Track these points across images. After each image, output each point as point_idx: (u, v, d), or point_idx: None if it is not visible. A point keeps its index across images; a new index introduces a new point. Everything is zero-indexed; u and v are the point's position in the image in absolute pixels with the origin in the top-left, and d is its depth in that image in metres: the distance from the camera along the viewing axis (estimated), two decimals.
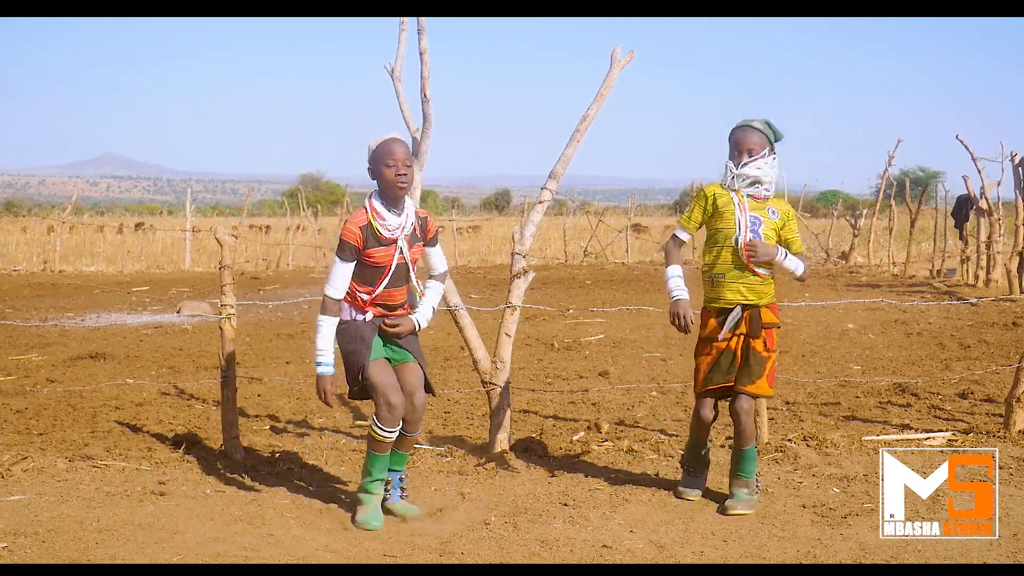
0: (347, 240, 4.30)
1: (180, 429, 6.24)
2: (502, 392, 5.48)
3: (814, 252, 23.15)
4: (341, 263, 4.32)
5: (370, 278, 4.38)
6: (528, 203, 26.32)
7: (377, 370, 4.36)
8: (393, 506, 4.51)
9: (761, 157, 4.49)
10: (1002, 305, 12.26)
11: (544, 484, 4.93)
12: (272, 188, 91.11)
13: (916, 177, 38.51)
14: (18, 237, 26.36)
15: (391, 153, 4.32)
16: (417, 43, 5.72)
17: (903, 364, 8.56)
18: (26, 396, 7.31)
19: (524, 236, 5.61)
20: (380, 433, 4.36)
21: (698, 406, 4.65)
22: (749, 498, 4.56)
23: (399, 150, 4.34)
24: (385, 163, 4.31)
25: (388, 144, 4.35)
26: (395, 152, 4.32)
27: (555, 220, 28.92)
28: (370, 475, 4.45)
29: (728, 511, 4.49)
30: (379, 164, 4.33)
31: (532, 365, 8.63)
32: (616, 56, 5.69)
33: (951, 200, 19.71)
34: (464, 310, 5.60)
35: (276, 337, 10.42)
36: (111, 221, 32.10)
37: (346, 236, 4.30)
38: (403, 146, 4.38)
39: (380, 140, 4.37)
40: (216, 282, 5.72)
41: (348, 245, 4.30)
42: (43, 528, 4.18)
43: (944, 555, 4.00)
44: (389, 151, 4.32)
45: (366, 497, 4.43)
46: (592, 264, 22.47)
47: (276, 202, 46.57)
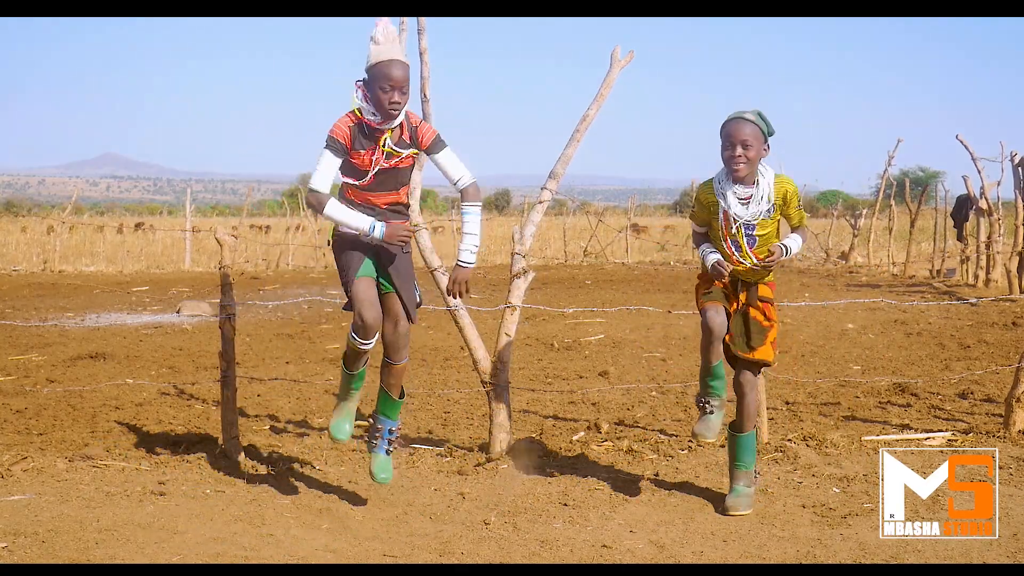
0: (335, 136, 4.22)
1: (180, 429, 6.25)
2: (502, 392, 5.48)
3: (814, 252, 23.17)
4: (326, 153, 4.23)
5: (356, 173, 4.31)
6: (528, 203, 26.32)
7: (360, 286, 4.35)
8: (372, 461, 4.50)
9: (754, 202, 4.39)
10: (1002, 305, 12.26)
11: (544, 484, 4.93)
12: (272, 188, 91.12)
13: (916, 177, 38.52)
14: (18, 237, 26.36)
15: (388, 76, 4.16)
16: (417, 43, 5.72)
17: (903, 364, 8.56)
18: (26, 396, 7.31)
19: (524, 236, 5.61)
20: (353, 341, 4.41)
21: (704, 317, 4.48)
22: (748, 492, 4.54)
23: (397, 73, 4.17)
24: (380, 86, 4.17)
25: (387, 66, 4.17)
26: (392, 75, 4.16)
27: (555, 220, 28.91)
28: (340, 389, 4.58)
29: (729, 511, 4.49)
30: (374, 83, 4.19)
31: (532, 365, 8.63)
32: (616, 56, 5.69)
33: (951, 200, 19.71)
34: (464, 310, 5.60)
35: (276, 337, 10.42)
36: (111, 221, 32.09)
37: (335, 132, 4.23)
38: (402, 69, 4.20)
39: (380, 57, 4.18)
40: (216, 282, 5.72)
41: (336, 141, 4.22)
42: (43, 528, 4.18)
43: (944, 555, 4.00)
44: (387, 73, 4.16)
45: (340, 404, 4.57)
46: (592, 264, 22.47)
47: (276, 202, 46.56)
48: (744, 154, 4.32)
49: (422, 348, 9.32)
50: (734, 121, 4.37)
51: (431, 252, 5.55)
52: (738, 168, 4.35)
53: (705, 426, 4.57)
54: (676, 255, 24.13)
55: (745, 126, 4.34)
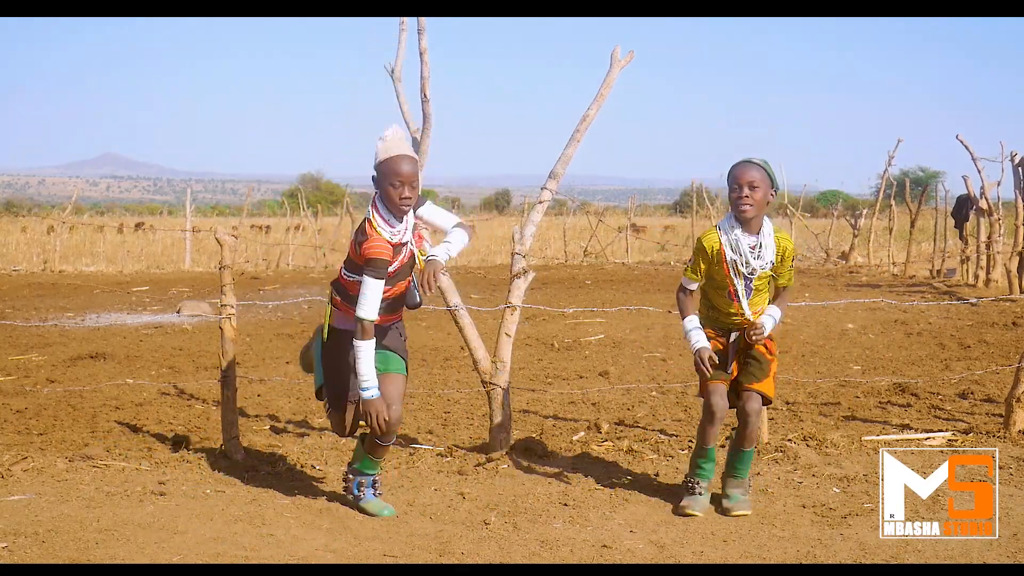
0: (382, 258, 4.16)
1: (180, 429, 6.25)
2: (502, 392, 5.48)
3: (814, 252, 23.16)
4: (375, 282, 4.17)
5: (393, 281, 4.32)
6: (528, 203, 26.31)
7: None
8: (366, 507, 4.51)
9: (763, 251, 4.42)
10: (1002, 305, 12.26)
11: (544, 484, 4.93)
12: (272, 188, 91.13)
13: (916, 177, 38.51)
14: (18, 237, 26.37)
15: (398, 172, 4.17)
16: (417, 43, 5.72)
17: (903, 364, 8.56)
18: (26, 396, 7.32)
19: (524, 236, 5.62)
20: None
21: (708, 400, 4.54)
22: (744, 497, 4.56)
23: (406, 169, 4.18)
24: (391, 182, 4.18)
25: (396, 162, 4.18)
26: (402, 171, 4.17)
27: (555, 220, 28.92)
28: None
29: (730, 512, 4.49)
30: (384, 180, 4.20)
31: (532, 365, 8.63)
32: (616, 56, 5.69)
33: (951, 200, 19.71)
34: (464, 310, 5.60)
35: (276, 337, 10.42)
36: (111, 221, 32.09)
37: (380, 254, 4.16)
38: (411, 164, 4.21)
39: (388, 155, 4.19)
40: (216, 282, 5.72)
41: (383, 263, 4.17)
42: (43, 528, 4.18)
43: (944, 555, 4.00)
44: (396, 170, 4.17)
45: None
46: (592, 264, 22.46)
47: (276, 202, 46.56)
48: (751, 195, 4.36)
49: (422, 348, 9.32)
50: (741, 165, 4.42)
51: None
52: (745, 209, 4.38)
53: (693, 502, 4.56)
54: (676, 255, 24.12)
55: (752, 169, 4.39)
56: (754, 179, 4.36)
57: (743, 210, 4.38)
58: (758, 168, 4.39)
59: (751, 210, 4.38)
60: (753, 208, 4.38)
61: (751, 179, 4.36)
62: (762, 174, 4.38)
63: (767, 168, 4.41)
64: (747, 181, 4.36)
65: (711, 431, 4.56)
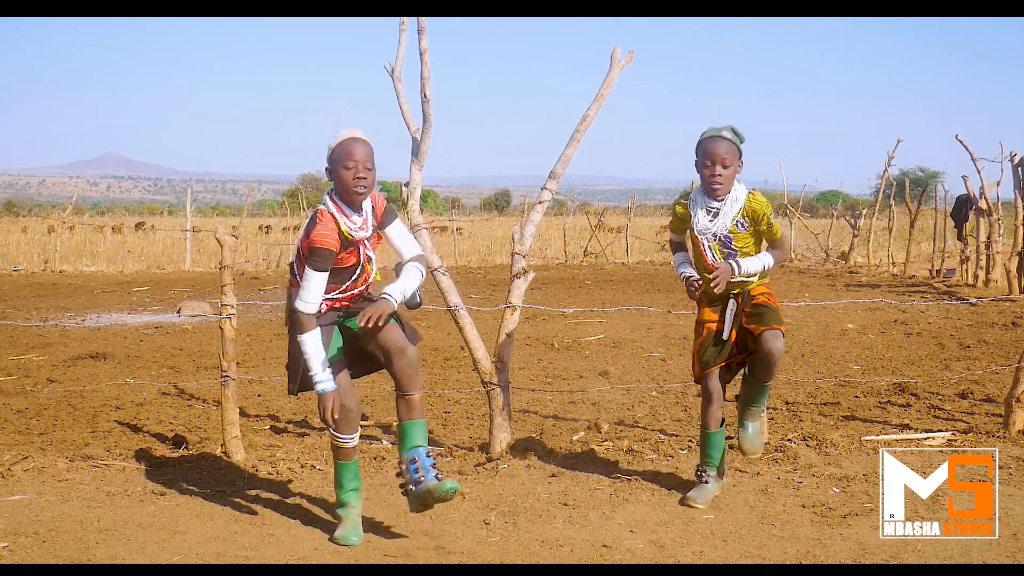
0: (326, 248, 3.96)
1: (180, 429, 6.25)
2: (502, 392, 5.48)
3: (814, 252, 23.16)
4: (317, 274, 3.97)
5: (339, 279, 4.10)
6: (528, 203, 26.34)
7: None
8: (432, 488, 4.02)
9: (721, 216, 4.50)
10: (1002, 305, 12.26)
11: (544, 484, 4.94)
12: (272, 188, 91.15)
13: (916, 177, 38.53)
14: (18, 237, 26.38)
15: (351, 154, 3.99)
16: (417, 43, 5.72)
17: (903, 364, 8.56)
18: (26, 396, 7.32)
19: (524, 236, 5.62)
20: (340, 439, 4.22)
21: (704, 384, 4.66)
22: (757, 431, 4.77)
23: (359, 151, 4.01)
24: (344, 164, 3.99)
25: (348, 144, 4.02)
26: (355, 153, 4.00)
27: (555, 220, 28.92)
28: (341, 486, 4.25)
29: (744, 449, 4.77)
30: (337, 165, 4.01)
31: (532, 365, 8.63)
32: (616, 56, 5.69)
33: (951, 200, 19.71)
34: (464, 310, 5.60)
35: (276, 337, 10.42)
36: (111, 221, 32.10)
37: (324, 244, 3.95)
38: (364, 146, 4.04)
39: (340, 138, 4.04)
40: (216, 282, 5.72)
41: (327, 253, 3.96)
42: (44, 528, 4.18)
43: (944, 555, 4.00)
44: (349, 152, 4.00)
45: (343, 511, 4.22)
46: (592, 264, 22.47)
47: (276, 202, 46.55)
48: (723, 173, 4.46)
49: (422, 348, 9.30)
50: (711, 140, 4.48)
51: (431, 252, 5.55)
52: (717, 188, 4.49)
53: (700, 492, 4.64)
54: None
55: (722, 144, 4.46)
56: (725, 156, 4.44)
57: (715, 188, 4.49)
58: (727, 143, 4.45)
59: (722, 188, 4.49)
60: (724, 186, 4.48)
61: (722, 156, 4.44)
62: (731, 147, 4.45)
63: (736, 140, 4.48)
64: (719, 159, 4.44)
65: (711, 411, 4.67)
